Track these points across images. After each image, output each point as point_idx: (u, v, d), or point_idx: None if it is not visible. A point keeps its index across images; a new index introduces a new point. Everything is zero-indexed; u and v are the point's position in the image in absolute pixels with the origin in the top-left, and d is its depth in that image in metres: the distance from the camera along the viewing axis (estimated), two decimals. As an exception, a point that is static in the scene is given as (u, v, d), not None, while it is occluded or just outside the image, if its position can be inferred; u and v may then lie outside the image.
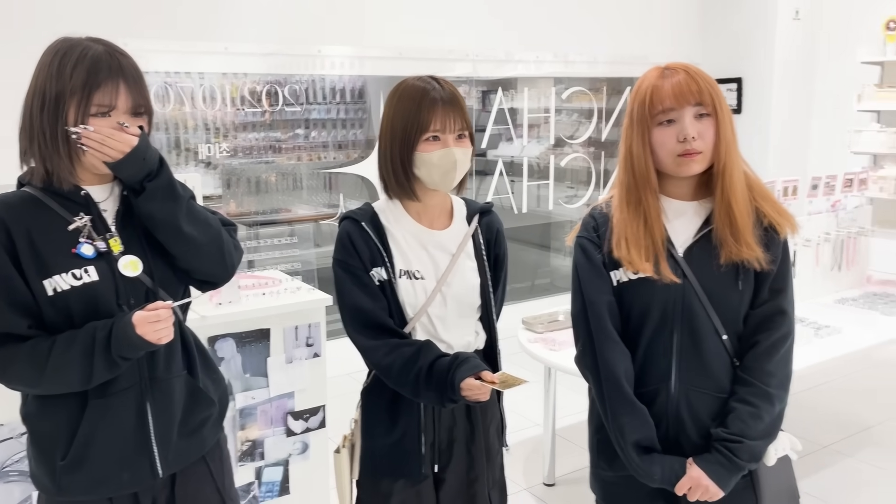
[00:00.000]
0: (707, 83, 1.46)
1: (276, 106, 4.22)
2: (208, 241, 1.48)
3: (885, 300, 3.17)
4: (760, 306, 1.51)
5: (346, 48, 4.36)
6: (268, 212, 4.38)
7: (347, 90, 4.57)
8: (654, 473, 1.50)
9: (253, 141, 4.23)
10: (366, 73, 4.52)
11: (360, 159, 4.62)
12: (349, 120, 4.62)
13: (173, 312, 1.41)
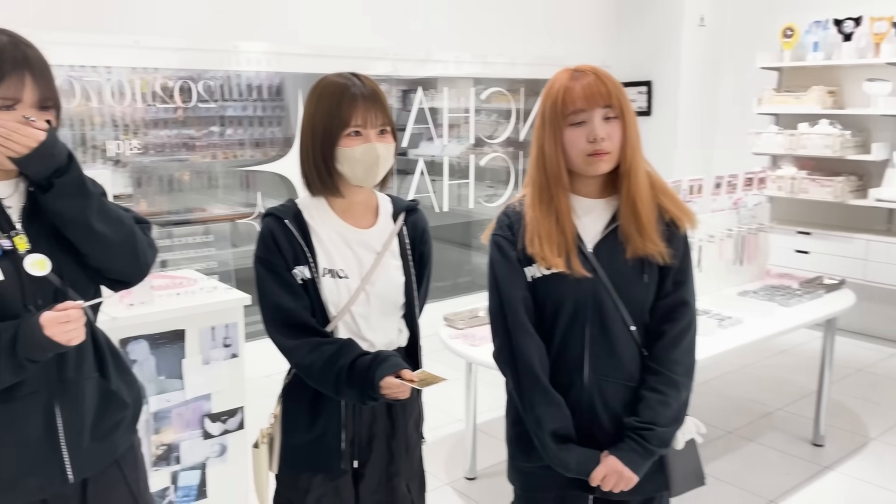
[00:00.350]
0: (614, 87, 1.52)
1: (190, 102, 4.11)
2: (121, 239, 1.44)
3: (782, 292, 3.37)
4: (664, 298, 1.58)
5: (263, 44, 4.28)
6: (181, 211, 4.26)
7: (265, 87, 4.49)
8: (570, 463, 1.55)
9: (165, 138, 4.10)
10: (284, 70, 4.46)
11: (279, 157, 4.56)
12: (266, 117, 4.54)
13: (84, 313, 1.36)
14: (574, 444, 1.57)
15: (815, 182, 4.96)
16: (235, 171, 4.53)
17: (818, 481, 3.16)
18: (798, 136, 5.01)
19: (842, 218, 5.08)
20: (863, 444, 3.49)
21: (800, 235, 5.03)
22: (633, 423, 1.56)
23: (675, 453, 1.61)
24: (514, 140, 5.69)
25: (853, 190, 4.90)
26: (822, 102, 4.97)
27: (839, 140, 4.82)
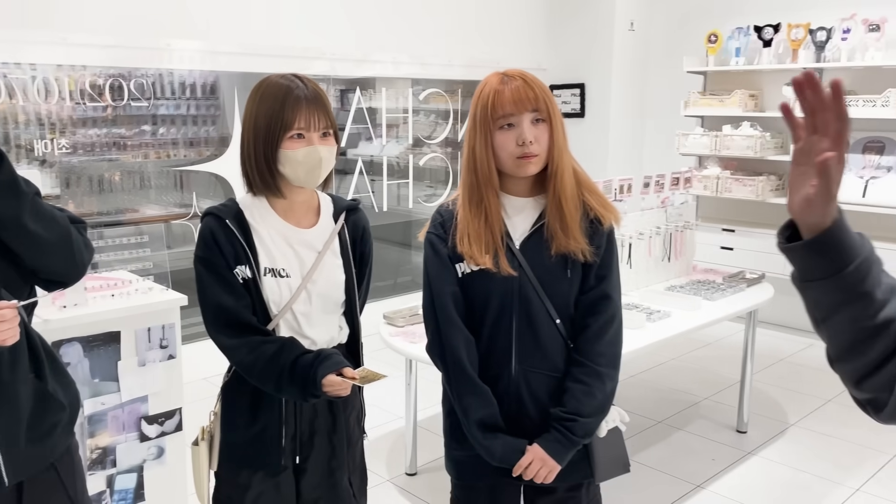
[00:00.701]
0: (542, 91, 1.59)
1: (121, 101, 4.02)
2: (56, 239, 1.43)
3: (707, 287, 3.53)
4: (588, 292, 1.66)
5: (197, 42, 4.23)
6: (112, 212, 4.16)
7: (199, 85, 4.42)
8: (495, 451, 1.61)
9: (94, 137, 4.00)
10: (218, 69, 4.41)
11: (214, 157, 4.50)
12: (200, 116, 4.47)
13: (18, 313, 1.35)
14: (502, 434, 1.63)
15: (738, 181, 5.19)
16: (169, 171, 4.46)
17: (742, 466, 3.33)
18: (722, 137, 5.24)
19: (763, 216, 5.32)
20: (783, 429, 3.69)
21: (724, 233, 5.25)
22: (558, 414, 1.62)
23: (600, 441, 1.69)
24: (452, 140, 5.76)
25: (773, 189, 5.15)
26: (744, 105, 5.20)
27: (760, 141, 5.06)
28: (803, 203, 0.87)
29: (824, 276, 0.87)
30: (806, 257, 0.88)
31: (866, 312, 0.87)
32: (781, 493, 3.09)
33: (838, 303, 0.88)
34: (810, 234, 0.86)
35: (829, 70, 4.95)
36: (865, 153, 4.85)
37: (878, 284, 0.87)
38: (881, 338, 0.88)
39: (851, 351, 0.90)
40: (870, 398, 0.90)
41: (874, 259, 0.88)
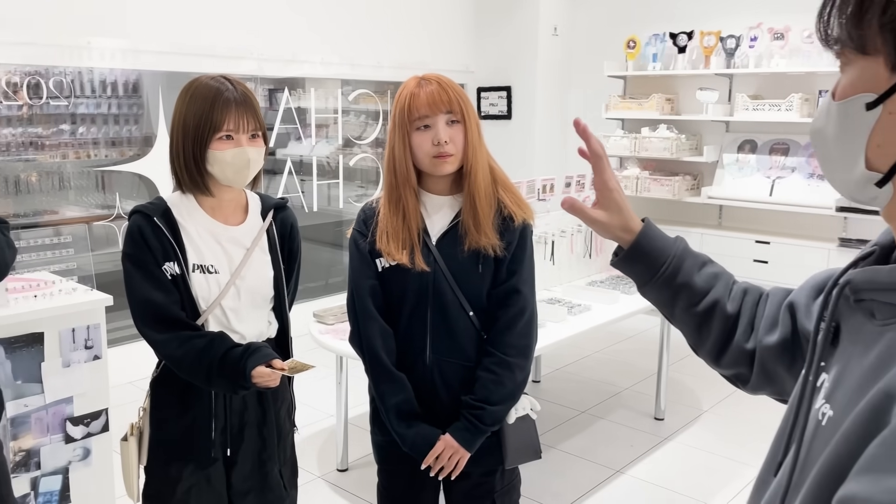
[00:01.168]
0: (456, 93, 1.67)
1: (38, 100, 3.91)
2: None
3: (625, 281, 3.70)
4: (499, 286, 1.74)
5: (119, 40, 4.15)
6: (29, 214, 4.04)
7: (120, 84, 4.34)
8: (406, 437, 1.69)
9: (9, 137, 3.88)
10: (141, 68, 4.34)
11: (138, 157, 4.43)
12: (122, 116, 4.39)
13: None
14: (417, 422, 1.71)
15: (656, 181, 5.43)
16: (90, 172, 4.36)
17: (658, 451, 3.51)
18: (641, 139, 5.47)
19: (679, 214, 5.59)
20: (697, 416, 3.90)
21: (645, 230, 5.48)
22: (468, 401, 1.71)
23: (510, 428, 1.77)
24: (382, 141, 5.81)
25: (689, 188, 5.42)
26: (661, 109, 5.45)
27: (675, 143, 5.31)
28: (597, 229, 1.03)
29: (648, 280, 1.01)
30: (628, 268, 1.03)
31: (693, 300, 1.00)
32: (695, 475, 3.28)
33: (669, 298, 1.01)
34: (624, 249, 1.01)
35: (738, 76, 5.24)
36: (772, 154, 5.16)
37: (695, 274, 1.00)
38: (715, 319, 0.99)
39: (698, 335, 1.02)
40: (733, 374, 1.02)
41: (686, 254, 1.01)
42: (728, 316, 1.00)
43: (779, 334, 0.96)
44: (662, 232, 1.04)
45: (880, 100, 0.64)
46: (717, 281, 1.02)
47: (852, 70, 0.67)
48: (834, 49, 0.68)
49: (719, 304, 1.00)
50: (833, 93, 0.70)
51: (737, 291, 1.02)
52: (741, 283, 1.04)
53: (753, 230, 5.15)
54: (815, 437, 0.69)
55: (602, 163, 1.03)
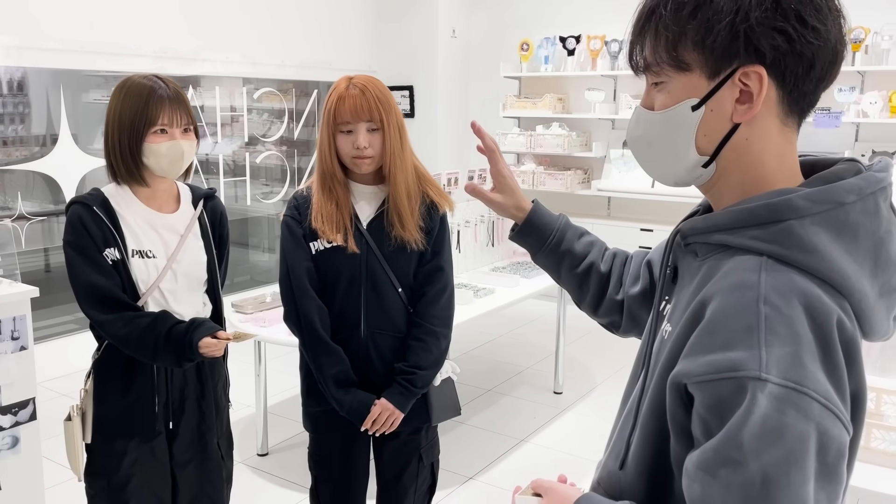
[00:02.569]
0: (379, 102, 1.85)
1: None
2: None
3: (525, 266, 4.01)
4: (425, 265, 1.97)
5: (4, 37, 4.05)
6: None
7: (4, 82, 4.23)
8: (345, 404, 1.88)
9: None
10: (28, 65, 4.24)
11: (36, 157, 4.34)
12: (8, 115, 4.29)
13: None
14: (353, 389, 1.91)
15: (550, 176, 5.81)
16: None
17: (558, 421, 3.84)
18: (536, 136, 5.83)
19: (572, 206, 5.99)
20: (592, 388, 4.27)
21: (541, 222, 5.85)
22: (401, 368, 1.92)
23: (435, 390, 2.01)
24: (288, 139, 5.91)
25: (580, 182, 5.82)
26: (554, 108, 5.83)
27: (567, 140, 5.70)
28: (496, 209, 1.29)
29: (538, 249, 1.27)
30: (522, 240, 1.28)
31: (574, 263, 1.26)
32: (590, 438, 3.62)
33: (555, 262, 1.27)
34: (518, 225, 1.27)
35: (622, 77, 5.68)
36: (653, 150, 5.63)
37: (575, 242, 1.26)
38: (591, 277, 1.25)
39: (580, 292, 1.27)
40: (608, 321, 1.29)
41: (567, 227, 1.28)
42: (602, 274, 1.26)
43: (640, 286, 1.23)
44: (548, 210, 1.29)
45: (703, 101, 0.85)
46: (593, 247, 1.28)
47: (671, 85, 0.88)
48: (650, 72, 0.90)
49: (595, 265, 1.26)
50: (648, 106, 0.91)
51: (608, 255, 1.28)
52: (611, 248, 1.32)
53: (638, 219, 5.61)
54: (659, 350, 0.94)
55: (495, 155, 1.28)
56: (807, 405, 0.74)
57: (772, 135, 0.86)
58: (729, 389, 0.76)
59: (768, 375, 0.74)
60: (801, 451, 0.74)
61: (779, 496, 0.73)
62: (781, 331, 0.76)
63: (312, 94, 6.04)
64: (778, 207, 0.82)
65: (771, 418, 0.73)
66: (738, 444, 0.74)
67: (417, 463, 2.04)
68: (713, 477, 0.76)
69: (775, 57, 0.82)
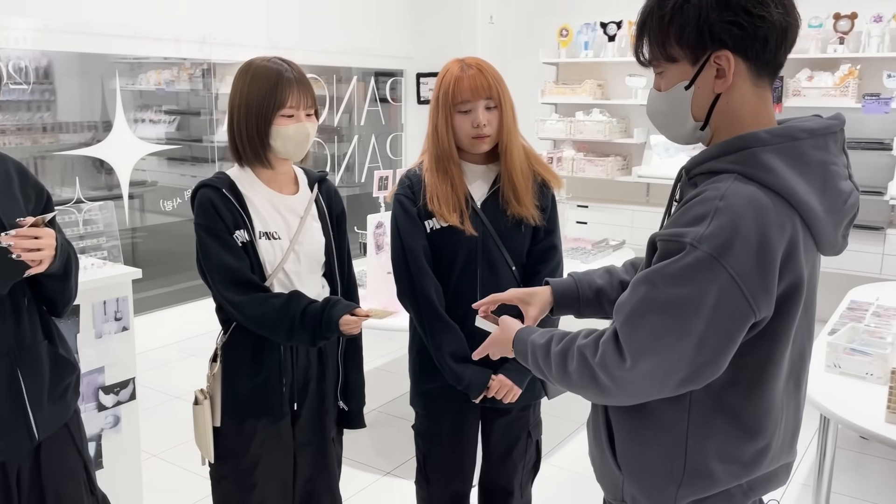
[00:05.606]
0: (495, 80, 1.90)
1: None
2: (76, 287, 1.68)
3: (581, 252, 4.04)
4: (538, 244, 2.01)
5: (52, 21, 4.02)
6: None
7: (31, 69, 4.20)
8: (464, 377, 1.91)
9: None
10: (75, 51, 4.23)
11: (88, 143, 4.37)
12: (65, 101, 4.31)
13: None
14: (470, 364, 1.95)
15: (590, 162, 5.83)
16: (24, 159, 4.28)
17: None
18: (575, 122, 5.85)
19: (611, 192, 6.01)
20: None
21: (579, 208, 5.87)
22: None
23: None
24: (328, 126, 5.92)
25: (620, 168, 5.84)
26: (593, 94, 5.84)
27: (608, 126, 5.72)
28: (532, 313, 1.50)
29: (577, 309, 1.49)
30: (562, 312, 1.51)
31: (611, 296, 1.44)
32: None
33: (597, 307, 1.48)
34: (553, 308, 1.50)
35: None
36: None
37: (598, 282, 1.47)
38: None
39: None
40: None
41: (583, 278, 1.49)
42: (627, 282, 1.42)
43: None
44: (560, 280, 1.51)
45: (692, 82, 1.14)
46: (612, 273, 1.49)
47: (668, 72, 1.17)
48: (652, 65, 1.19)
49: (623, 282, 1.45)
50: (657, 88, 1.21)
51: (627, 265, 1.51)
52: (628, 259, 1.54)
53: (679, 205, 5.62)
54: None
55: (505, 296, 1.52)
56: (718, 272, 1.03)
57: (747, 97, 1.14)
58: (674, 247, 1.08)
59: (699, 245, 1.04)
60: (700, 299, 1.04)
61: (669, 317, 1.06)
62: (725, 221, 1.04)
63: (352, 81, 6.06)
64: (746, 139, 1.11)
65: (688, 268, 1.05)
66: (660, 274, 1.08)
67: (526, 439, 2.08)
68: (636, 289, 1.11)
69: (735, 42, 1.10)
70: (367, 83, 6.22)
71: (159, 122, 4.88)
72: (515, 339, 1.36)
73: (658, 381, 1.09)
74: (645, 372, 1.08)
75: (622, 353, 1.10)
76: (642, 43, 1.19)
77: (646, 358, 1.08)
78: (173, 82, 4.91)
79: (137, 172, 4.61)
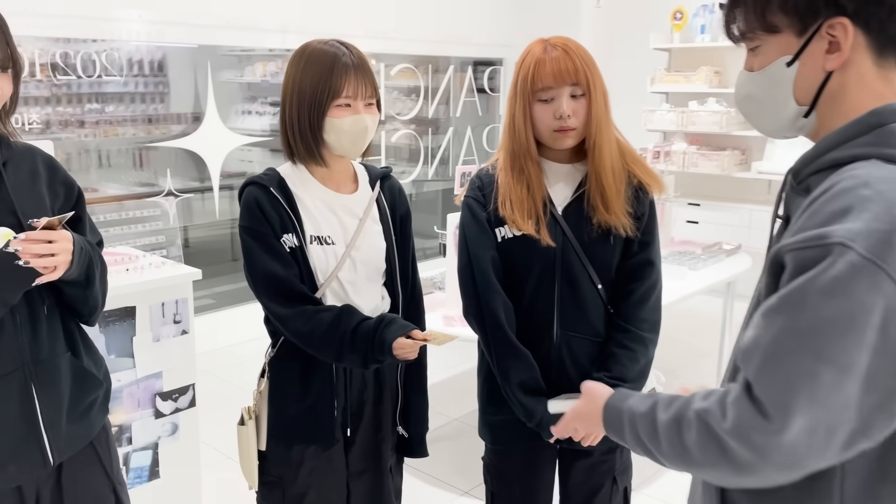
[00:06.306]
0: (583, 64, 1.59)
1: (76, 76, 3.84)
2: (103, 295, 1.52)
3: (689, 257, 3.64)
4: (631, 258, 1.68)
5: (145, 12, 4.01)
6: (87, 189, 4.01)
7: (146, 61, 4.26)
8: (536, 413, 1.62)
9: (45, 115, 3.83)
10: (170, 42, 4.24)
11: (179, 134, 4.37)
12: (149, 94, 4.33)
13: None
14: (544, 397, 1.66)
15: (703, 156, 5.35)
16: (129, 150, 4.32)
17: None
18: (688, 113, 5.37)
19: (727, 189, 5.51)
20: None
21: (689, 207, 5.41)
22: (604, 379, 1.63)
23: None
24: (422, 118, 5.74)
25: (737, 163, 5.33)
26: (710, 81, 5.35)
27: (725, 117, 5.21)
28: None
29: None
30: None
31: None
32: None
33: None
34: None
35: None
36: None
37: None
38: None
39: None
40: None
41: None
42: None
43: None
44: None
45: (796, 57, 0.94)
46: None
47: (766, 47, 0.97)
48: (746, 39, 1.00)
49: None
50: (749, 68, 1.01)
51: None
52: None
53: (804, 206, 5.07)
54: None
55: None
56: (881, 281, 0.78)
57: (868, 78, 0.93)
58: (814, 254, 0.81)
59: (853, 244, 0.79)
60: (861, 319, 0.78)
61: (823, 349, 0.78)
62: (877, 210, 0.80)
63: (448, 71, 5.83)
64: (882, 112, 0.89)
65: (841, 282, 0.78)
66: (803, 295, 0.81)
67: (611, 486, 1.77)
68: (769, 321, 0.84)
69: (856, 7, 0.89)
70: (465, 73, 5.98)
71: (265, 113, 4.88)
72: (607, 408, 1.10)
73: (820, 441, 0.80)
74: (800, 431, 0.79)
75: (763, 410, 0.81)
76: (735, 14, 1.00)
77: (799, 411, 0.79)
78: (278, 74, 4.89)
79: (240, 164, 4.60)
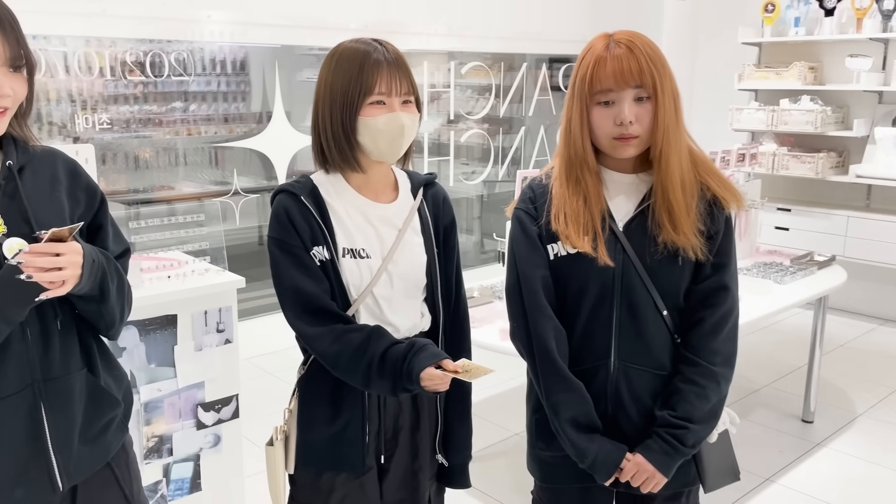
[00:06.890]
0: (649, 63, 1.39)
1: (156, 76, 3.88)
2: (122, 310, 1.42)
3: (775, 269, 3.34)
4: (703, 282, 1.48)
5: (231, 13, 4.05)
6: (147, 189, 4.07)
7: (229, 61, 4.28)
8: (588, 454, 1.45)
9: (127, 114, 3.89)
10: (253, 43, 4.25)
11: (252, 134, 4.37)
12: (231, 93, 4.35)
13: None
14: (598, 436, 1.48)
15: (795, 158, 4.96)
16: (203, 148, 4.34)
17: (811, 458, 3.16)
18: (779, 112, 5.00)
19: (821, 194, 5.10)
20: (851, 419, 3.51)
21: (779, 212, 5.04)
22: (667, 419, 1.46)
23: (709, 447, 1.53)
24: (493, 117, 5.57)
25: (833, 166, 4.92)
26: (803, 78, 4.96)
27: (820, 116, 4.82)
28: None
29: None
30: None
31: None
32: (856, 487, 2.93)
33: None
34: None
35: (895, 41, 4.69)
36: (934, 129, 4.60)
37: None
38: None
39: None
40: None
41: None
42: None
43: None
44: None
45: None
46: None
47: None
48: None
49: None
50: None
51: None
52: None
53: (908, 213, 4.64)
54: None
55: None
56: None
57: None
58: None
59: None
60: None
61: None
62: None
63: (521, 68, 5.64)
64: None
65: None
66: None
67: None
68: None
69: None
70: (539, 70, 5.77)
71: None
72: None
73: None
74: None
75: None
76: None
77: None
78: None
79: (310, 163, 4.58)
